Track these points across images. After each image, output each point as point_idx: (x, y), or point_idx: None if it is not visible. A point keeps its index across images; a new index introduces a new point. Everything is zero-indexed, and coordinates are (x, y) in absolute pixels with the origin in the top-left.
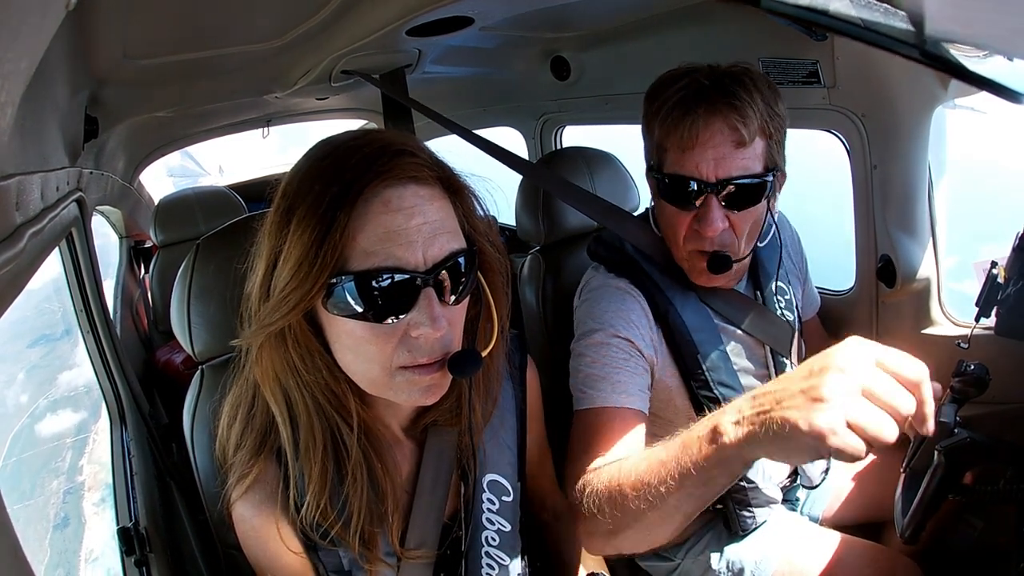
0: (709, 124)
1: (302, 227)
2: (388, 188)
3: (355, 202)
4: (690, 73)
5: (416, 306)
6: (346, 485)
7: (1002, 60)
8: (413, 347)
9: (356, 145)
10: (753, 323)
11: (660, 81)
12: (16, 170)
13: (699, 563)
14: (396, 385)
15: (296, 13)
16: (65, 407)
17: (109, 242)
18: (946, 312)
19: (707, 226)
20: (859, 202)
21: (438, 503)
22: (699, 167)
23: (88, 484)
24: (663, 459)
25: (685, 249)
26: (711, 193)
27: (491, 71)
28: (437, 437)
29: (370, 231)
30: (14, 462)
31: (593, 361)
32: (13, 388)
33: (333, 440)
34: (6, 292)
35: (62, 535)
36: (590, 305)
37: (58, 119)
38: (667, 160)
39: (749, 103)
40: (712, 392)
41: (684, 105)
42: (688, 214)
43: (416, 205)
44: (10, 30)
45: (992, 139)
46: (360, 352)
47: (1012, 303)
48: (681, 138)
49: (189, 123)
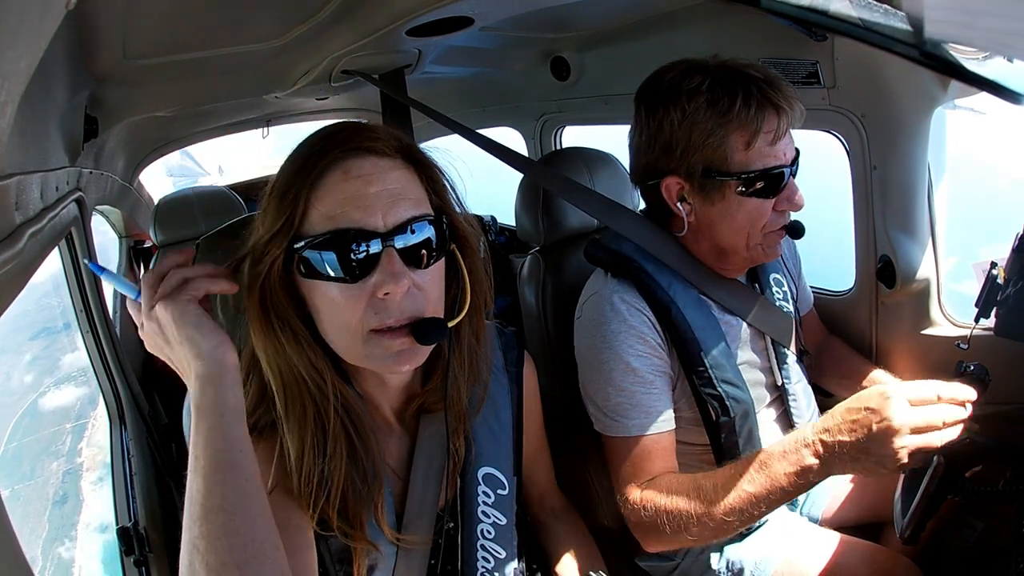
0: (783, 114)
1: (273, 200)
2: (347, 159)
3: (314, 170)
4: (743, 69)
5: (379, 266)
6: (329, 453)
7: (1002, 61)
8: (380, 308)
9: (323, 130)
10: (755, 314)
11: (679, 80)
12: (16, 170)
13: (699, 563)
14: (368, 351)
15: (296, 13)
16: (67, 388)
17: (108, 239)
18: (946, 313)
19: (796, 197)
20: (859, 203)
21: (431, 491)
22: (785, 154)
23: (87, 465)
24: (752, 492)
25: (762, 234)
26: (791, 172)
27: (491, 71)
28: (429, 424)
29: (331, 198)
30: (15, 446)
31: (621, 389)
32: (14, 378)
33: (316, 411)
34: (6, 291)
35: (60, 511)
36: (600, 329)
37: (58, 119)
38: (746, 158)
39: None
40: (716, 389)
41: (762, 101)
42: (771, 200)
43: (374, 173)
44: (10, 30)
45: (993, 139)
46: (334, 317)
47: (1012, 304)
48: (768, 132)
49: (189, 123)
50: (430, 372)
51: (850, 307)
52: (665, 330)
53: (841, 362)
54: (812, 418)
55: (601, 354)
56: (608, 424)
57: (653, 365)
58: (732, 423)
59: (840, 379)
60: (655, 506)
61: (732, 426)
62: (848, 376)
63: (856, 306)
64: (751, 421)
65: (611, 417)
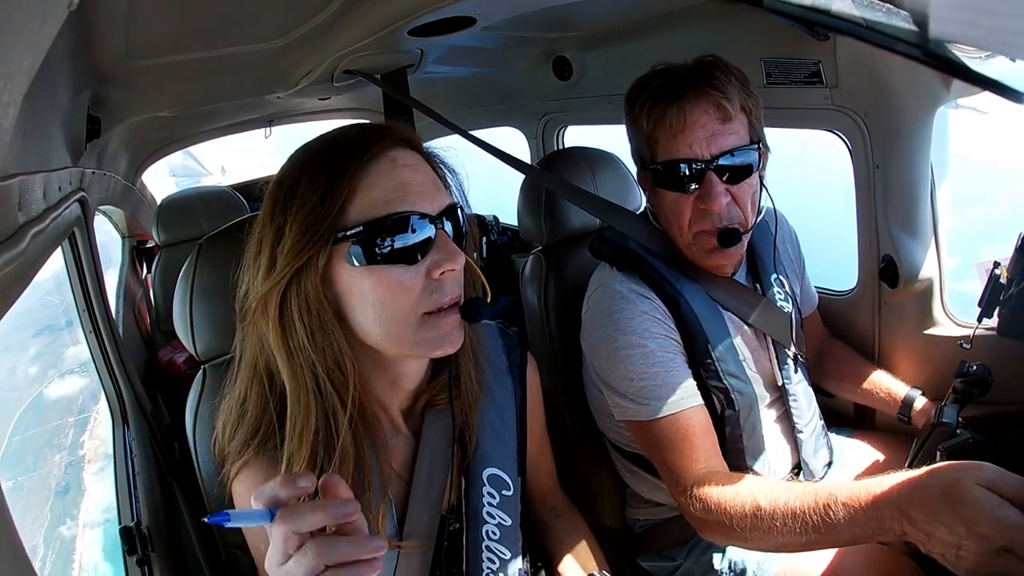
0: (696, 105)
1: (310, 189)
2: (392, 149)
3: (362, 159)
4: (665, 70)
5: (435, 246)
6: (331, 471)
7: (1005, 60)
8: (436, 289)
9: (347, 128)
10: (757, 315)
11: (638, 82)
12: (18, 170)
13: (701, 563)
14: (420, 336)
15: (298, 13)
16: (69, 384)
17: (110, 239)
18: (948, 313)
19: (712, 201)
20: (861, 202)
21: (436, 491)
22: (692, 147)
23: (88, 457)
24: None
25: (691, 233)
26: (709, 170)
27: (493, 71)
28: (435, 420)
29: (383, 185)
30: (19, 440)
31: (645, 372)
32: (18, 374)
33: (326, 422)
34: (9, 291)
35: (62, 501)
36: (612, 318)
37: (60, 119)
38: (659, 149)
39: (727, 82)
40: (721, 382)
41: (669, 93)
42: (690, 197)
43: (417, 164)
44: (13, 30)
45: (995, 139)
46: (385, 306)
47: (1014, 304)
48: (671, 124)
49: (191, 123)
50: (438, 366)
51: (852, 307)
52: (675, 321)
53: (842, 363)
54: (813, 419)
55: (616, 342)
56: (638, 409)
57: (670, 345)
58: (736, 417)
59: (841, 381)
60: (710, 502)
61: (736, 420)
62: (849, 378)
63: (858, 306)
64: (755, 416)
65: (639, 402)
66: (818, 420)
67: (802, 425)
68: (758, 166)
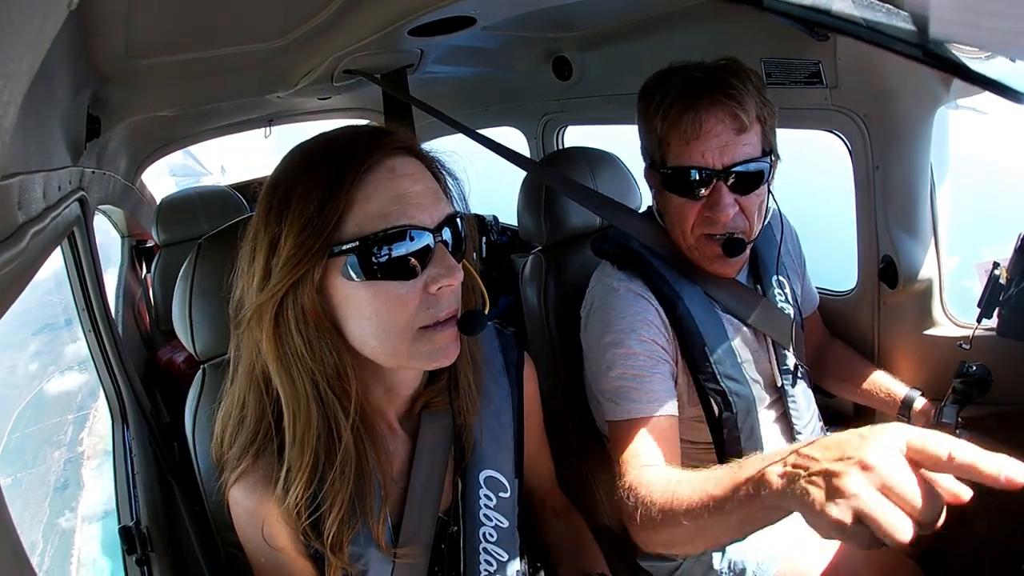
0: (711, 114)
1: (306, 198)
2: (390, 158)
3: (360, 169)
4: (682, 70)
5: (433, 260)
6: (332, 477)
7: (1005, 60)
8: (432, 304)
9: (345, 131)
10: (757, 316)
11: (654, 80)
12: (18, 169)
13: (701, 563)
14: (416, 349)
15: (298, 13)
16: (68, 381)
17: (110, 239)
18: (948, 313)
19: (720, 212)
20: (861, 203)
21: (433, 494)
22: (705, 156)
23: (87, 453)
24: (715, 496)
25: (694, 236)
26: (719, 180)
27: (493, 71)
28: (432, 421)
29: (381, 195)
30: (18, 437)
31: (623, 372)
32: (17, 372)
33: (327, 427)
34: (8, 291)
35: (61, 497)
36: (605, 313)
37: (60, 118)
38: (671, 153)
39: (744, 91)
40: (719, 385)
41: (685, 99)
42: (697, 203)
43: (416, 173)
44: (12, 30)
45: (995, 139)
46: (381, 320)
47: (1014, 304)
48: (685, 130)
49: (191, 122)
50: (435, 371)
51: (852, 307)
52: (671, 323)
53: (842, 364)
54: (812, 420)
55: (604, 338)
56: (609, 408)
57: (656, 350)
58: (734, 419)
59: (841, 381)
60: (636, 496)
61: (734, 422)
62: (849, 378)
63: (858, 306)
64: (753, 418)
65: (612, 401)
66: (817, 421)
67: (801, 426)
68: (768, 176)
